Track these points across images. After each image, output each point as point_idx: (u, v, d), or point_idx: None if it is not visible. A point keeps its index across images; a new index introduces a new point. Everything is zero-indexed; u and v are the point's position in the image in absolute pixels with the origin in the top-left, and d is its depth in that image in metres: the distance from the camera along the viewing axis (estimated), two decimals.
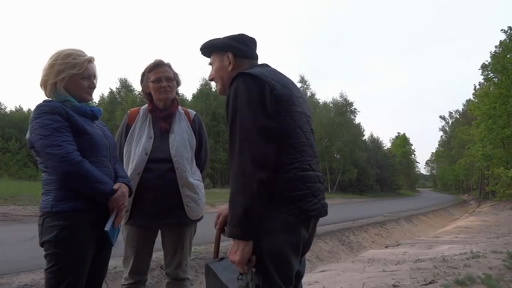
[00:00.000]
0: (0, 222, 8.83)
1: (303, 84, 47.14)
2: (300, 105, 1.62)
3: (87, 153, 1.85)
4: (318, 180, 1.59)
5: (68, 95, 1.90)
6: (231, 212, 1.43)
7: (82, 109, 1.93)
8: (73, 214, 1.78)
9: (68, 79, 1.89)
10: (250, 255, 1.41)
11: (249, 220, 1.38)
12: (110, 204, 1.88)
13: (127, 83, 46.50)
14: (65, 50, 1.93)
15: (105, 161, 1.95)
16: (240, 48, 1.69)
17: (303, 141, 1.55)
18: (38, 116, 1.80)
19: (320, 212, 1.58)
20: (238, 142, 1.43)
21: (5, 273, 3.88)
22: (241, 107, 1.45)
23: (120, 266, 2.82)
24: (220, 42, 1.70)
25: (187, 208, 2.32)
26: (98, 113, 2.03)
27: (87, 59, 1.95)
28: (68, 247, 1.76)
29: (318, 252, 7.63)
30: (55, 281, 1.75)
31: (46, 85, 1.90)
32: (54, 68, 1.88)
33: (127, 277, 2.34)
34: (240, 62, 1.67)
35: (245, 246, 1.40)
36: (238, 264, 1.41)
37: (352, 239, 9.53)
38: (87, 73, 1.94)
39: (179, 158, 2.32)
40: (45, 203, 1.81)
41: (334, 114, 44.83)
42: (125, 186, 1.97)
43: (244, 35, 1.73)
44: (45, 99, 1.91)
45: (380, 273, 4.96)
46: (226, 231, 1.45)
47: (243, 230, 1.40)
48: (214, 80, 1.74)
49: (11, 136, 37.05)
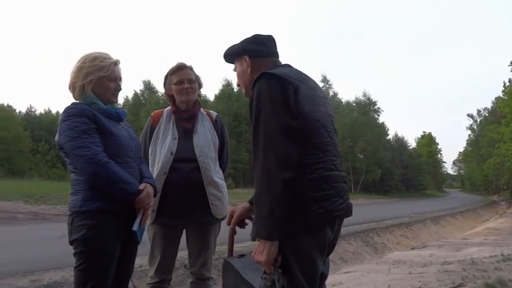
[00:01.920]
0: (31, 220, 9.15)
1: (325, 83, 46.77)
2: (324, 105, 1.61)
3: (113, 154, 1.88)
4: (342, 180, 1.58)
5: (94, 97, 1.95)
6: (256, 212, 1.43)
7: (108, 111, 1.98)
8: (100, 214, 1.83)
9: (96, 81, 1.94)
10: (276, 256, 1.41)
11: (274, 220, 1.37)
12: (136, 204, 1.91)
13: (150, 85, 47.39)
14: (92, 53, 1.98)
15: (131, 162, 1.99)
16: (255, 49, 1.69)
17: (327, 141, 1.54)
18: (66, 118, 1.86)
19: (345, 212, 1.57)
20: (262, 142, 1.42)
21: (36, 270, 4.02)
22: (265, 107, 1.45)
23: (146, 264, 2.87)
24: (236, 48, 1.73)
25: (213, 207, 2.34)
26: (123, 114, 2.07)
27: (114, 61, 1.99)
28: (95, 246, 1.81)
29: (342, 253, 7.54)
30: (84, 279, 1.80)
31: (74, 87, 1.95)
32: (82, 70, 1.93)
33: (152, 276, 2.38)
34: (258, 62, 1.67)
35: (271, 247, 1.39)
36: (265, 265, 1.41)
37: (377, 240, 9.38)
38: (113, 75, 1.99)
39: (204, 158, 2.35)
40: (73, 203, 1.86)
41: (357, 114, 44.29)
42: (150, 186, 2.00)
43: (258, 35, 1.73)
44: (73, 102, 1.96)
45: (406, 275, 4.86)
46: (252, 231, 1.44)
47: (268, 230, 1.39)
48: (240, 85, 1.77)
49: (40, 138, 38.36)
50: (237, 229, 1.77)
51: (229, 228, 1.76)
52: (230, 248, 1.77)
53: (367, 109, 45.84)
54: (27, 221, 9.12)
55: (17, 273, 3.92)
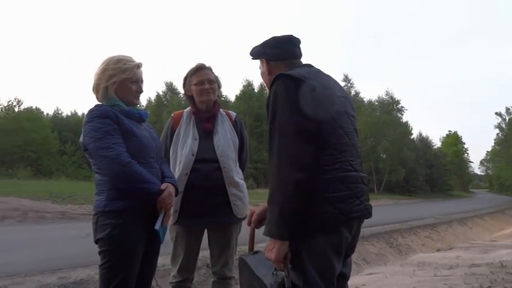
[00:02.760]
0: (59, 220, 9.43)
1: (347, 82, 46.27)
2: (343, 104, 1.59)
3: (136, 154, 1.91)
4: (361, 181, 1.56)
5: (117, 99, 1.99)
6: (268, 211, 1.45)
7: (130, 112, 2.01)
8: (124, 213, 1.86)
9: (118, 83, 1.98)
10: (285, 253, 1.42)
11: (285, 220, 1.39)
12: (158, 204, 1.94)
13: (172, 87, 47.99)
14: (115, 56, 2.03)
15: (153, 162, 2.02)
16: (272, 52, 1.70)
17: (344, 141, 1.53)
18: (90, 120, 1.90)
19: (363, 213, 1.55)
20: (276, 143, 1.44)
21: (64, 268, 4.14)
22: (280, 108, 1.46)
23: (168, 263, 2.91)
24: (256, 51, 1.77)
25: (234, 207, 2.36)
26: (144, 115, 2.11)
27: (136, 64, 2.04)
28: (120, 244, 1.85)
29: (365, 254, 7.44)
30: (108, 277, 1.84)
31: (98, 89, 2.00)
32: (106, 72, 1.97)
33: (175, 275, 2.41)
34: (274, 65, 1.68)
35: (281, 246, 1.40)
36: (275, 262, 1.43)
37: (401, 242, 9.21)
38: (136, 78, 2.03)
39: (225, 158, 2.36)
40: (98, 203, 1.90)
41: (379, 113, 43.63)
42: (171, 186, 2.03)
43: (275, 37, 1.72)
44: (97, 104, 2.01)
45: (431, 277, 4.75)
46: (264, 230, 1.47)
47: (278, 230, 1.41)
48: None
49: (67, 139, 39.42)
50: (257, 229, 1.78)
51: (249, 228, 1.76)
52: (250, 248, 1.77)
53: (390, 108, 45.07)
54: (55, 220, 9.41)
55: (45, 270, 4.04)
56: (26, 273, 3.87)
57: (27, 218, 9.17)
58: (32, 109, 41.76)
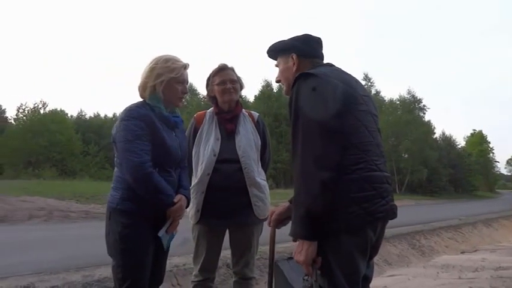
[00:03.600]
0: (83, 219, 9.67)
1: (367, 81, 45.71)
2: (365, 103, 1.58)
3: (160, 162, 1.94)
4: (385, 181, 1.54)
5: (161, 99, 2.00)
6: (294, 212, 1.43)
7: (167, 118, 2.02)
8: (135, 214, 1.90)
9: (166, 83, 1.99)
10: (315, 256, 1.40)
11: (312, 221, 1.37)
12: (167, 213, 1.98)
13: (192, 87, 48.45)
14: (164, 55, 2.06)
15: (173, 172, 2.04)
16: (304, 48, 1.69)
17: (368, 140, 1.51)
18: (126, 118, 1.92)
19: (388, 213, 1.52)
20: (300, 142, 1.42)
21: (88, 266, 4.23)
22: (304, 107, 1.44)
23: (190, 263, 2.95)
24: (285, 44, 1.73)
25: (255, 207, 2.36)
26: (179, 123, 2.13)
27: (183, 65, 2.05)
28: (130, 243, 1.89)
29: (386, 255, 7.32)
30: (122, 276, 1.89)
31: (145, 87, 2.02)
32: (154, 71, 1.99)
33: (197, 274, 2.43)
34: (304, 62, 1.67)
35: (309, 247, 1.39)
36: (303, 265, 1.41)
37: (424, 243, 9.02)
38: (182, 78, 2.05)
39: (246, 159, 2.37)
40: (112, 198, 1.95)
41: (401, 112, 42.85)
42: (184, 199, 2.06)
43: (308, 35, 1.73)
44: (137, 103, 2.01)
45: (455, 280, 4.65)
46: (290, 231, 1.44)
47: (306, 231, 1.39)
48: (280, 81, 1.76)
49: (90, 140, 40.32)
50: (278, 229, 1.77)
51: (270, 229, 1.76)
52: (271, 248, 1.77)
53: (411, 107, 44.20)
54: (79, 219, 9.65)
55: (70, 268, 4.15)
56: (52, 271, 3.99)
57: (52, 217, 9.44)
58: (56, 111, 42.86)
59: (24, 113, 42.57)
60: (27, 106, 42.26)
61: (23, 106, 42.86)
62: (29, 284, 3.50)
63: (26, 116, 41.86)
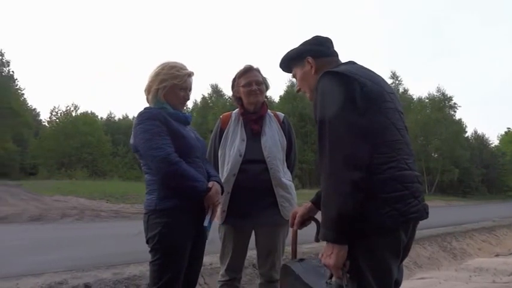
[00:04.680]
0: (113, 218, 9.92)
1: (395, 80, 44.83)
2: (392, 101, 1.53)
3: (184, 154, 1.99)
4: (416, 180, 1.49)
5: (164, 102, 2.09)
6: (324, 214, 1.38)
7: (176, 115, 2.10)
8: (175, 211, 1.93)
9: (169, 88, 2.08)
10: (345, 260, 1.36)
11: (343, 223, 1.32)
12: (205, 202, 2.00)
13: (218, 89, 48.90)
14: (170, 62, 2.15)
15: (199, 162, 2.09)
16: (318, 49, 1.66)
17: (397, 139, 1.46)
18: (140, 122, 1.99)
19: (421, 214, 1.47)
20: (328, 142, 1.36)
21: (118, 264, 4.34)
22: (330, 106, 1.39)
23: (216, 262, 2.97)
24: (296, 51, 1.70)
25: (282, 208, 2.36)
26: (189, 118, 2.21)
27: (188, 73, 2.14)
28: (170, 243, 1.91)
29: (416, 258, 7.14)
30: (158, 274, 1.91)
31: (149, 90, 2.11)
32: (159, 76, 2.08)
33: (223, 274, 2.44)
34: (321, 62, 1.63)
35: (340, 250, 1.34)
36: (333, 268, 1.35)
37: (455, 245, 8.74)
38: (185, 85, 2.13)
39: (272, 159, 2.37)
40: (149, 202, 1.98)
41: (430, 111, 41.81)
42: (217, 184, 2.09)
43: (317, 36, 1.70)
44: (146, 107, 2.11)
45: (489, 284, 4.48)
46: (320, 234, 1.40)
47: (337, 233, 1.34)
48: (301, 90, 1.73)
49: (119, 141, 41.41)
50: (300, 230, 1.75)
51: (291, 230, 1.74)
52: (293, 249, 1.75)
53: (441, 105, 43.04)
54: (109, 218, 9.91)
55: (101, 266, 4.27)
56: (84, 268, 4.11)
57: (84, 216, 9.74)
58: (87, 113, 44.28)
59: (57, 116, 44.23)
60: (60, 109, 43.88)
61: (56, 109, 44.56)
62: (63, 281, 3.62)
63: (59, 119, 43.46)
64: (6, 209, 9.83)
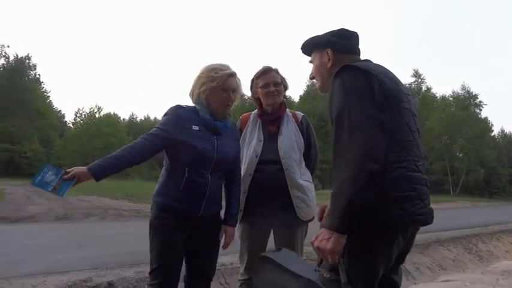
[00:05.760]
0: (135, 217, 10.09)
1: (417, 78, 44.02)
2: (408, 102, 1.51)
3: (188, 163, 2.00)
4: (424, 183, 1.47)
5: (205, 106, 2.09)
6: (334, 203, 1.34)
7: (207, 121, 2.08)
8: (164, 207, 2.04)
9: (209, 91, 2.08)
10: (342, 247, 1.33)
11: (353, 213, 1.29)
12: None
13: None
14: (211, 64, 2.15)
15: (206, 173, 2.04)
16: (340, 43, 1.63)
17: (410, 140, 1.45)
18: (165, 113, 2.10)
19: (427, 217, 1.45)
20: (347, 134, 1.34)
21: (141, 263, 4.40)
22: (350, 100, 1.38)
23: (236, 262, 2.98)
24: (320, 39, 1.67)
25: (297, 209, 2.34)
26: (221, 128, 2.11)
27: (227, 73, 2.09)
28: (155, 232, 2.04)
29: (440, 260, 6.98)
30: (151, 259, 2.04)
31: (193, 94, 2.15)
32: (200, 80, 2.12)
33: (242, 273, 2.46)
34: (340, 57, 1.61)
35: (340, 237, 1.31)
36: (330, 253, 1.32)
37: (481, 247, 8.50)
38: (226, 86, 2.08)
39: (287, 160, 2.36)
40: (155, 189, 2.12)
41: (454, 109, 40.79)
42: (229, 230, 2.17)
43: (344, 29, 1.67)
44: (181, 105, 2.15)
45: None
46: (325, 222, 1.36)
47: (342, 223, 1.31)
48: (314, 77, 1.71)
49: None
50: None
51: (314, 229, 1.73)
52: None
53: (466, 103, 41.93)
54: (131, 217, 10.07)
55: (124, 264, 4.35)
56: (107, 267, 4.20)
57: (107, 216, 9.94)
58: (110, 115, 45.20)
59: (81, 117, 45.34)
60: (84, 111, 44.95)
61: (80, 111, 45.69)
62: (87, 279, 3.71)
63: (83, 120, 44.53)
64: (33, 208, 10.12)
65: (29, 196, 13.19)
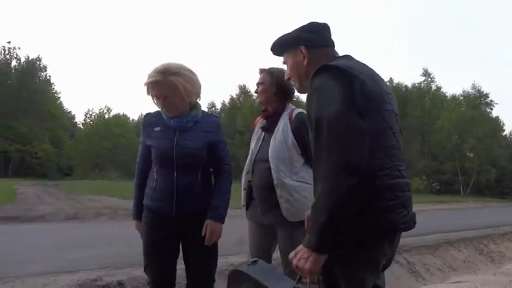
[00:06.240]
0: None
1: (427, 77, 43.60)
2: (390, 102, 1.43)
3: (155, 162, 2.14)
4: (407, 188, 1.41)
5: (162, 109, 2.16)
6: (313, 219, 1.26)
7: (166, 121, 2.14)
8: (145, 208, 2.18)
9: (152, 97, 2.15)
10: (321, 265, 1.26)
11: (332, 231, 1.22)
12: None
13: (246, 89, 49.07)
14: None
15: (172, 170, 2.07)
16: (313, 38, 1.53)
17: (393, 144, 1.37)
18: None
19: (409, 224, 1.39)
20: (326, 144, 1.25)
21: None
22: (329, 104, 1.27)
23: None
24: (290, 37, 1.57)
25: (283, 209, 2.29)
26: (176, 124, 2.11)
27: (145, 83, 2.08)
28: (142, 232, 2.18)
29: (451, 261, 6.91)
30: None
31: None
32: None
33: None
34: (315, 53, 1.51)
35: (319, 257, 1.24)
36: (308, 273, 1.25)
37: (493, 248, 8.39)
38: (151, 93, 2.11)
39: (273, 158, 2.33)
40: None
41: (465, 108, 40.31)
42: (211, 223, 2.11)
43: (314, 22, 1.57)
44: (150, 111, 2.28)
45: None
46: (305, 241, 1.28)
47: (322, 242, 1.23)
48: (291, 79, 1.61)
49: None
50: None
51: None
52: None
53: (477, 102, 41.43)
54: None
55: (134, 264, 4.35)
56: (117, 266, 4.23)
57: (117, 215, 10.01)
58: (119, 115, 45.59)
59: (91, 118, 45.81)
60: (94, 111, 45.40)
61: (90, 111, 46.18)
62: (97, 278, 3.74)
63: (93, 121, 44.98)
64: (44, 208, 10.24)
65: (40, 196, 13.37)
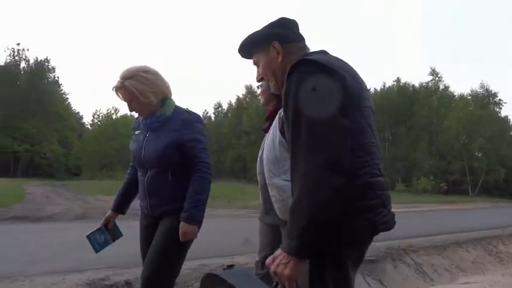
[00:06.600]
0: None
1: (434, 76, 43.29)
2: (368, 99, 1.38)
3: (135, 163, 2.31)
4: (386, 187, 1.37)
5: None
6: (292, 222, 1.19)
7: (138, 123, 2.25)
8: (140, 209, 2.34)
9: None
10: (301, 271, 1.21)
11: (312, 235, 1.16)
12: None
13: (252, 89, 49.11)
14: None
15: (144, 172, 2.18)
16: (285, 33, 1.47)
17: (371, 141, 1.33)
18: None
19: (389, 224, 1.35)
20: (305, 143, 1.19)
21: None
22: (308, 100, 1.21)
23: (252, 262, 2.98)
24: (261, 34, 1.50)
25: (276, 208, 2.26)
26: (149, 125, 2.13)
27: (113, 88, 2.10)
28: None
29: (459, 261, 6.85)
30: None
31: None
32: None
33: (259, 266, 2.52)
34: (289, 48, 1.46)
35: (299, 263, 1.18)
36: (287, 279, 1.19)
37: (502, 249, 8.30)
38: (120, 99, 2.13)
39: (265, 159, 2.32)
40: None
41: (473, 108, 39.97)
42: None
43: (284, 18, 1.52)
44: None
45: None
46: (284, 246, 1.21)
47: (302, 247, 1.16)
48: (264, 78, 1.53)
49: None
50: None
51: None
52: None
53: (485, 102, 41.04)
54: None
55: (140, 263, 4.37)
56: (125, 266, 4.25)
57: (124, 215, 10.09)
58: (127, 116, 45.81)
59: (98, 119, 46.14)
60: (101, 112, 45.72)
61: (98, 112, 46.52)
62: (105, 277, 3.77)
63: (100, 121, 45.31)
64: (52, 208, 10.34)
65: (48, 196, 13.50)
